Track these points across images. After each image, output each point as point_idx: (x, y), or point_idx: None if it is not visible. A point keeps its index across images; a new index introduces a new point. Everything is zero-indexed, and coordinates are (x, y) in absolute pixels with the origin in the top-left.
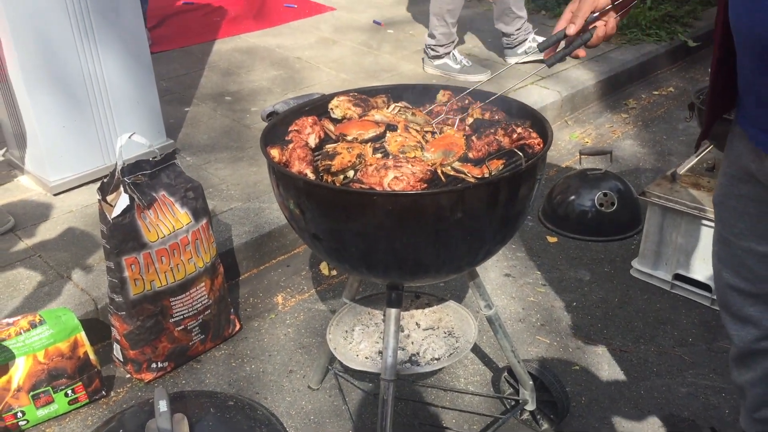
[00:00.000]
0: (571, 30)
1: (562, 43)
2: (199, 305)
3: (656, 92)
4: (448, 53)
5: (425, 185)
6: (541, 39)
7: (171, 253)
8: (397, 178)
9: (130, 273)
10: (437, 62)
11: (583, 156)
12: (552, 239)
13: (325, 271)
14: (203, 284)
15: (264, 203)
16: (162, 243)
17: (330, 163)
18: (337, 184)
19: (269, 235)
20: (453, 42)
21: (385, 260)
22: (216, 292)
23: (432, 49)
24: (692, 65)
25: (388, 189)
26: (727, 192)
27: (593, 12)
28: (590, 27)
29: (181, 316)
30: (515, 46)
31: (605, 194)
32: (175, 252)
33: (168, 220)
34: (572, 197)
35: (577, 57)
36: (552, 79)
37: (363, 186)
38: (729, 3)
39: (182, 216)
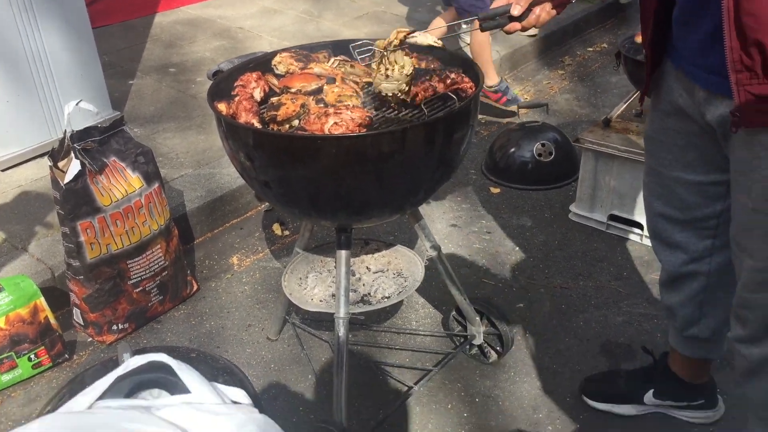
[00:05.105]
0: (516, 11)
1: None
2: (156, 267)
3: (590, 49)
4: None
5: (364, 129)
6: None
7: (125, 216)
8: (337, 124)
9: (86, 237)
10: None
11: (521, 110)
12: (495, 190)
13: (278, 232)
14: (159, 246)
15: (214, 168)
16: (116, 207)
17: (275, 113)
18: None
19: (221, 199)
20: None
21: (332, 202)
22: (172, 254)
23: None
24: (623, 22)
25: (329, 134)
26: (657, 127)
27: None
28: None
29: (139, 278)
30: None
31: (543, 145)
32: (129, 215)
33: (120, 184)
34: (512, 149)
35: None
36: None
37: (306, 133)
38: None
39: (134, 180)
